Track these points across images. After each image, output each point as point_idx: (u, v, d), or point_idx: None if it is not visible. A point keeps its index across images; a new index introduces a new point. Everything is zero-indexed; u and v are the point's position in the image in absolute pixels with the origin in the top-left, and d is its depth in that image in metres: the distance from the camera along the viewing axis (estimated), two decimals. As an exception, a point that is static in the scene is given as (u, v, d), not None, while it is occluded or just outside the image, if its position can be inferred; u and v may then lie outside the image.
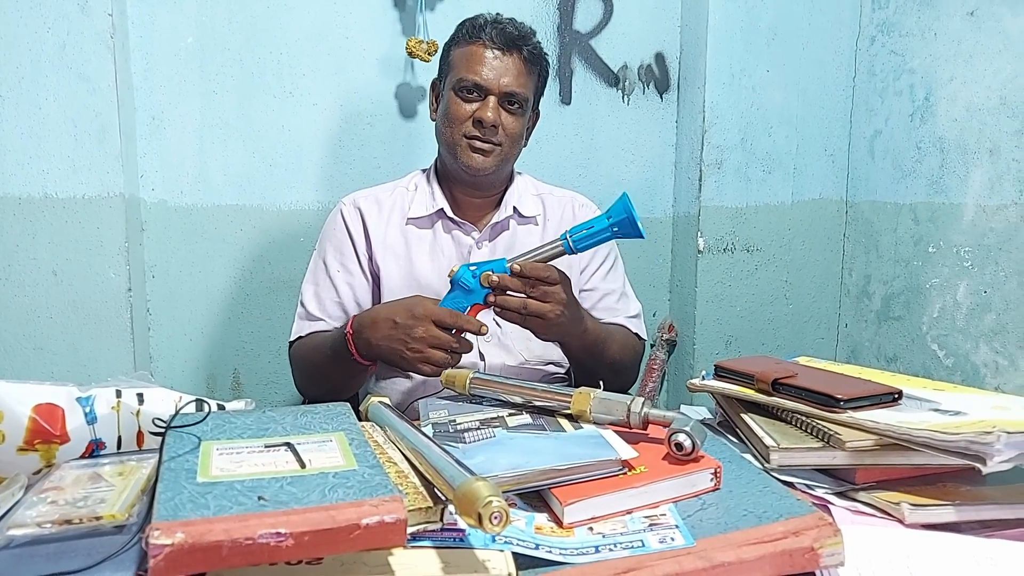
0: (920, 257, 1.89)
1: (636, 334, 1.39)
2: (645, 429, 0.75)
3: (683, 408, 1.04)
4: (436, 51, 1.74)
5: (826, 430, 0.76)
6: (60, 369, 1.63)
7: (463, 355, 1.06)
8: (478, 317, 1.05)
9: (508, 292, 1.05)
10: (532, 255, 1.07)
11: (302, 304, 1.35)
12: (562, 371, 1.38)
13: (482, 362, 1.30)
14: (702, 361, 2.07)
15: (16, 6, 1.51)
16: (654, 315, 2.15)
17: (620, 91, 2.03)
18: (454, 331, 1.04)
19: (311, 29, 1.78)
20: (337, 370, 1.19)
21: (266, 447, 0.64)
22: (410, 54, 1.75)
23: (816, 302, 2.14)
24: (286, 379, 1.37)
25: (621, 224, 1.03)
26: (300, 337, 1.33)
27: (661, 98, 2.07)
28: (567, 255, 1.07)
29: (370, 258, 1.33)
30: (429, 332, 1.02)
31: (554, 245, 1.06)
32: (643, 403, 0.75)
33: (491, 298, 1.05)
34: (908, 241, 1.92)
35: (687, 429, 0.68)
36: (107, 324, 1.65)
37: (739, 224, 2.04)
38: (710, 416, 1.00)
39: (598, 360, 1.25)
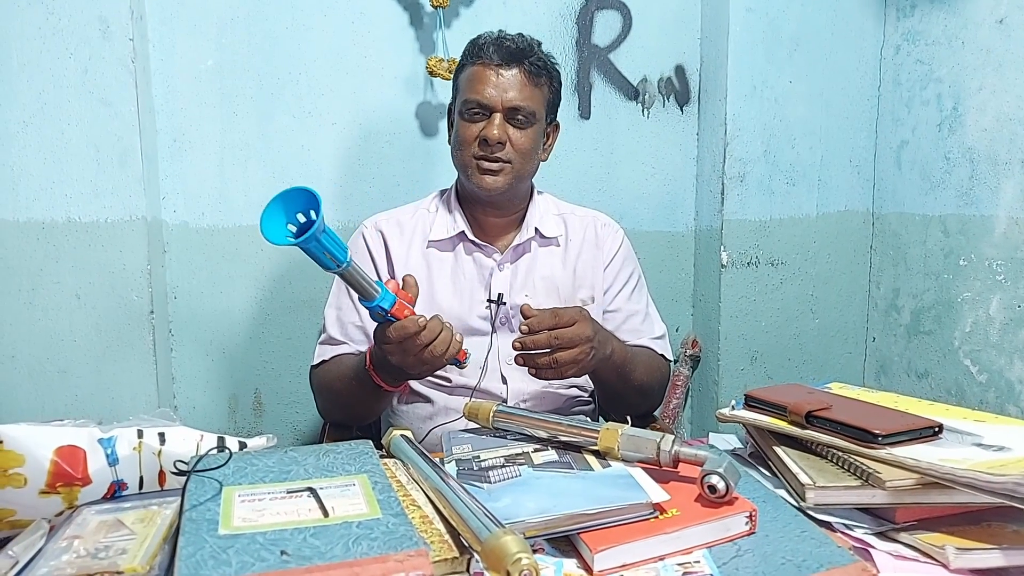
0: (951, 270, 1.84)
1: (662, 355, 1.36)
2: (676, 467, 0.73)
3: (711, 436, 1.02)
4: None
5: (864, 467, 0.74)
6: (84, 392, 1.64)
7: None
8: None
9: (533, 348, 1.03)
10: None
11: (324, 329, 1.33)
12: (586, 395, 1.35)
13: (504, 385, 1.29)
14: (727, 377, 2.04)
15: (39, 32, 1.53)
16: (677, 330, 2.12)
17: (640, 104, 2.01)
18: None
19: (330, 49, 1.78)
20: (366, 398, 1.18)
21: (288, 492, 0.62)
22: (431, 73, 1.74)
23: (843, 316, 2.10)
24: (308, 399, 1.36)
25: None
26: (323, 361, 1.32)
27: (682, 111, 2.04)
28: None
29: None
30: (415, 347, 0.97)
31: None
32: (673, 441, 0.72)
33: (519, 360, 1.04)
34: (938, 254, 1.88)
35: (720, 471, 0.66)
36: (130, 346, 1.66)
37: (763, 237, 2.01)
38: (740, 446, 0.98)
39: (625, 383, 1.23)
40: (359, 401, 1.19)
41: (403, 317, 0.96)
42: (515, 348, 1.04)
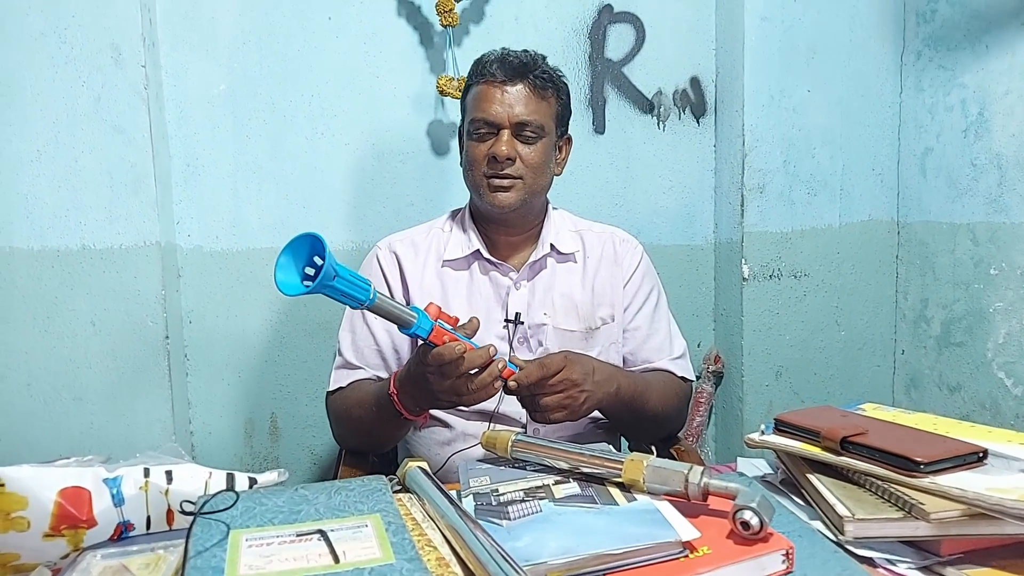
0: (981, 280, 1.79)
1: (682, 377, 1.32)
2: (705, 500, 0.69)
3: (740, 461, 0.98)
4: (466, 87, 1.71)
5: (906, 498, 0.69)
6: (99, 419, 1.62)
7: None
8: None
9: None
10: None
11: (340, 353, 1.31)
12: (605, 417, 1.32)
13: (523, 409, 1.25)
14: (751, 393, 1.99)
15: (51, 62, 1.53)
16: (699, 346, 2.07)
17: (655, 117, 1.98)
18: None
19: (341, 70, 1.77)
20: (386, 426, 1.15)
21: (298, 536, 0.60)
22: (441, 92, 1.72)
23: (870, 328, 2.04)
24: (325, 423, 1.34)
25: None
26: (340, 388, 1.29)
27: (698, 123, 2.01)
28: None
29: (407, 303, 1.30)
30: (454, 372, 0.97)
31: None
32: (702, 472, 0.69)
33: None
34: (967, 263, 1.82)
35: (754, 505, 0.62)
36: (145, 372, 1.64)
37: (785, 249, 1.96)
38: (771, 471, 0.93)
39: (638, 415, 1.20)
40: (378, 429, 1.17)
41: (442, 343, 0.94)
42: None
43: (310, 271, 0.84)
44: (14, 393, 1.58)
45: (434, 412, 1.27)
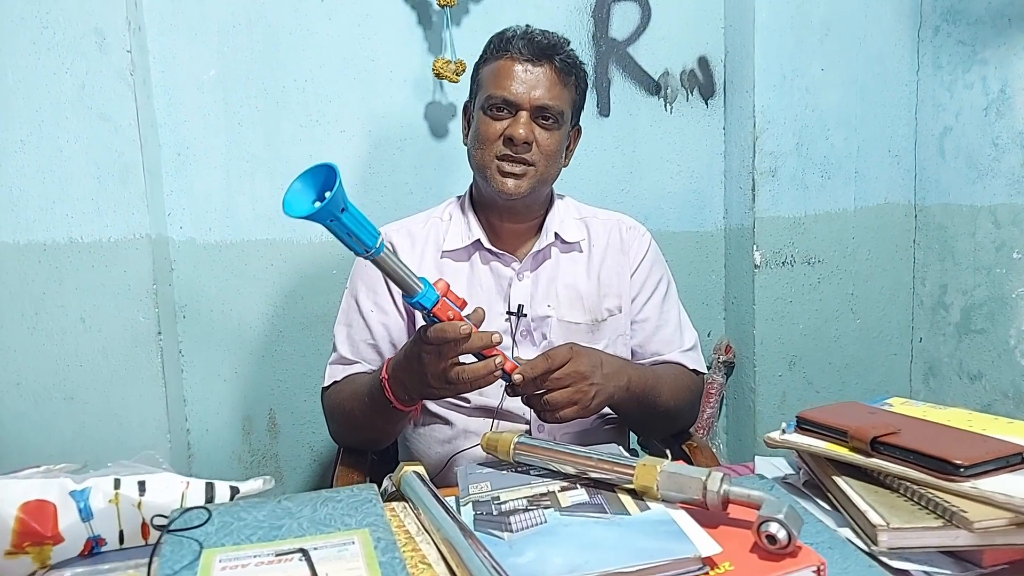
0: (1003, 264, 1.72)
1: (694, 370, 1.26)
2: (725, 509, 0.64)
3: (758, 460, 0.92)
4: (464, 71, 1.65)
5: (945, 504, 0.63)
6: (91, 418, 1.58)
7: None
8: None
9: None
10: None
11: (335, 348, 1.26)
12: (615, 413, 1.26)
13: (530, 409, 1.19)
14: (764, 384, 1.93)
15: (33, 48, 1.47)
16: (708, 335, 2.01)
17: (662, 99, 1.91)
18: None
19: (335, 54, 1.71)
20: (377, 418, 1.10)
21: (277, 555, 0.54)
22: (438, 76, 1.66)
23: (886, 315, 1.98)
24: (324, 419, 1.29)
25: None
26: (335, 382, 1.24)
27: (706, 104, 1.94)
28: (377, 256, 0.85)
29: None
30: (452, 352, 0.91)
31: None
32: (722, 479, 0.63)
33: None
34: (989, 247, 1.75)
35: (781, 517, 0.56)
36: (137, 369, 1.59)
37: (798, 235, 1.90)
38: (791, 471, 0.87)
39: (649, 410, 1.14)
40: (371, 422, 1.11)
41: (446, 319, 0.88)
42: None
43: (318, 204, 0.77)
44: (3, 393, 1.54)
45: (433, 408, 1.22)
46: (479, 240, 1.22)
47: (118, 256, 1.56)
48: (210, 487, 0.68)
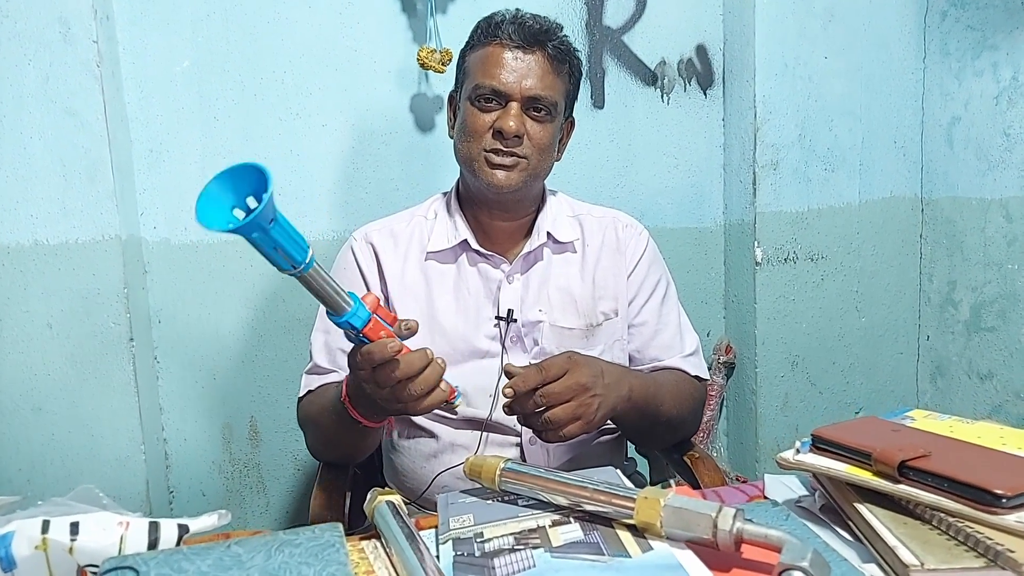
0: (1016, 259, 1.65)
1: (695, 376, 1.19)
2: (738, 550, 0.56)
3: (768, 480, 0.84)
4: (451, 60, 1.56)
5: (987, 542, 0.56)
6: (60, 430, 1.50)
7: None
8: None
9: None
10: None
11: (311, 355, 1.19)
12: (612, 424, 1.18)
13: (527, 428, 1.12)
14: (765, 385, 1.86)
15: (-8, 38, 1.39)
16: (708, 335, 1.94)
17: (658, 90, 1.83)
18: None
19: (316, 44, 1.62)
20: (346, 435, 1.03)
21: (221, 618, 0.46)
22: (422, 66, 1.57)
23: (892, 313, 1.91)
24: (307, 426, 1.23)
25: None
26: (310, 392, 1.16)
27: (705, 95, 1.87)
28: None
29: (386, 299, 1.16)
30: (388, 380, 0.80)
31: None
32: (734, 516, 0.55)
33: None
34: (1000, 241, 1.68)
35: (806, 566, 0.49)
36: (108, 378, 1.52)
37: (800, 230, 1.83)
38: (807, 493, 0.80)
39: (651, 420, 1.06)
40: (341, 438, 1.04)
41: (377, 339, 0.78)
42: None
43: (240, 213, 0.64)
44: (-34, 404, 1.46)
45: (417, 421, 1.14)
46: (466, 240, 1.14)
47: (86, 258, 1.48)
48: (154, 527, 0.60)
